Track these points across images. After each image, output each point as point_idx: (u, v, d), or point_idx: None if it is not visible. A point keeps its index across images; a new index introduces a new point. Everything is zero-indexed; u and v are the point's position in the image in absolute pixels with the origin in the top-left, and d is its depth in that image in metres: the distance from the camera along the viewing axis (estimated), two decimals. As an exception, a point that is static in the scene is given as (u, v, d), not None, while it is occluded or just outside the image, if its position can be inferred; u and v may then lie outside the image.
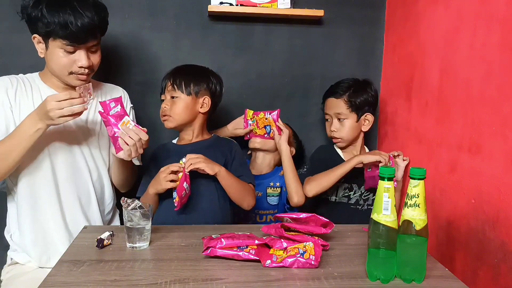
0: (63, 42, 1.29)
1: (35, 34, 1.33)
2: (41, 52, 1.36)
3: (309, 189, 1.62)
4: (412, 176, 0.96)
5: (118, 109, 1.30)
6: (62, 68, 1.34)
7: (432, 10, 1.54)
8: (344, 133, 1.71)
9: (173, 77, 1.52)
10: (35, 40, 1.35)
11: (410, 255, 0.98)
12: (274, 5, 1.77)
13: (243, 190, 1.47)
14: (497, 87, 1.19)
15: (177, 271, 1.00)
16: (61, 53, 1.32)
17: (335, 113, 1.71)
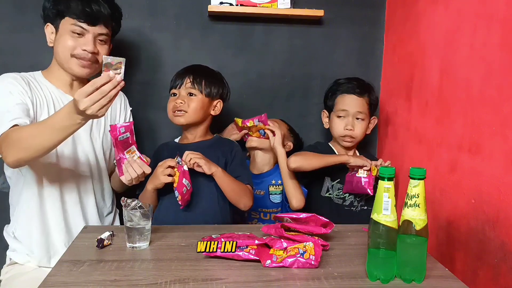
0: (73, 21, 1.32)
1: (48, 23, 1.37)
2: (52, 42, 1.38)
3: (294, 160, 1.59)
4: (412, 176, 0.96)
5: (127, 136, 1.30)
6: (66, 50, 1.35)
7: (432, 10, 1.54)
8: (359, 133, 1.67)
9: (193, 75, 1.52)
10: (47, 30, 1.38)
11: (410, 255, 0.98)
12: (274, 5, 1.77)
13: (239, 191, 1.46)
14: (497, 87, 1.19)
15: (177, 271, 1.00)
16: (69, 35, 1.34)
17: (357, 111, 1.66)
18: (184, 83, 1.52)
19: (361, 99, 1.67)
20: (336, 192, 1.68)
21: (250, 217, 1.73)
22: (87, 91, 1.05)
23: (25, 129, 1.20)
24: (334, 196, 1.68)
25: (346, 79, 1.72)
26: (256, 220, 1.74)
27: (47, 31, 1.38)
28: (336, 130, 1.70)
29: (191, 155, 1.38)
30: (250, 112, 1.80)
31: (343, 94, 1.68)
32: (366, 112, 1.67)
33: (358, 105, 1.66)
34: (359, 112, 1.66)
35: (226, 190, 1.44)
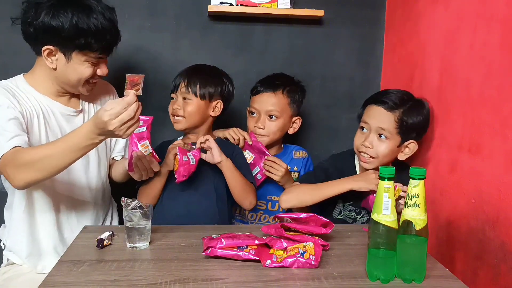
0: (93, 54, 1.27)
1: (50, 46, 1.24)
2: (53, 63, 1.27)
3: (285, 199, 1.45)
4: (412, 176, 0.96)
5: (143, 130, 1.31)
6: (82, 80, 1.31)
7: (432, 10, 1.54)
8: (381, 155, 1.40)
9: (188, 78, 1.50)
10: (45, 52, 1.25)
11: (410, 255, 0.98)
12: (274, 5, 1.77)
13: (246, 187, 1.47)
14: (497, 87, 1.19)
15: (177, 271, 1.00)
16: (87, 65, 1.28)
17: (378, 127, 1.40)
18: (179, 87, 1.50)
19: (388, 114, 1.40)
20: (346, 212, 1.53)
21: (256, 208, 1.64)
22: (117, 112, 1.04)
23: (37, 150, 1.17)
24: (345, 216, 1.53)
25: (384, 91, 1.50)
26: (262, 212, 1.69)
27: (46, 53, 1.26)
28: (355, 144, 1.48)
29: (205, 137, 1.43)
30: (250, 112, 1.80)
31: (371, 104, 1.46)
32: (393, 131, 1.39)
33: (381, 120, 1.40)
34: (381, 128, 1.40)
35: (233, 184, 1.44)
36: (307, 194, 1.44)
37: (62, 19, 1.21)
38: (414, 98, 1.47)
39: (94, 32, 1.23)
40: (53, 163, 1.15)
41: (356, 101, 1.54)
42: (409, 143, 1.42)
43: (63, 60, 1.27)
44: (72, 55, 1.26)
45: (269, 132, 1.64)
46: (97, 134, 1.10)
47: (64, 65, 1.28)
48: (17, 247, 1.37)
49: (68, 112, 1.39)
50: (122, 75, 1.78)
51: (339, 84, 1.95)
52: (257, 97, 1.66)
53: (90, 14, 1.23)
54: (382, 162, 1.42)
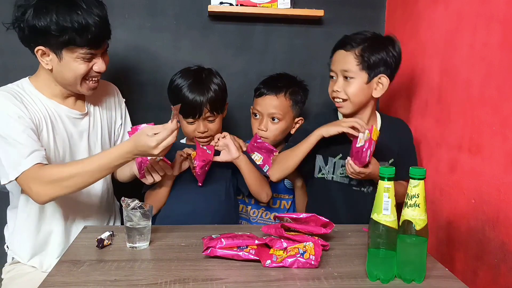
0: (82, 50, 1.23)
1: (40, 46, 1.23)
2: (48, 64, 1.27)
3: (272, 173, 1.48)
4: (412, 176, 0.96)
5: None
6: (78, 77, 1.28)
7: (432, 10, 1.54)
8: (350, 95, 1.39)
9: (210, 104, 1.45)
10: (38, 53, 1.25)
11: (410, 255, 0.98)
12: (274, 5, 1.77)
13: (262, 180, 1.51)
14: (497, 87, 1.19)
15: (177, 271, 1.00)
16: (79, 62, 1.26)
17: (342, 69, 1.40)
18: (203, 113, 1.46)
19: (347, 54, 1.39)
20: (340, 170, 1.47)
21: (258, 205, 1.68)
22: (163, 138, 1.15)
23: (66, 168, 1.21)
24: (338, 175, 1.48)
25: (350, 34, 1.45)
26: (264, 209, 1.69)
27: (40, 54, 1.25)
28: (328, 91, 1.47)
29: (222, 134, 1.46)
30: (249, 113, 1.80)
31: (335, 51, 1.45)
32: (355, 69, 1.38)
33: (343, 62, 1.40)
34: (344, 70, 1.39)
35: (250, 177, 1.47)
36: (286, 159, 1.45)
37: (45, 18, 1.19)
38: (377, 34, 1.44)
39: (77, 28, 1.20)
40: (83, 181, 1.21)
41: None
42: (380, 77, 1.39)
43: (55, 59, 1.26)
44: (62, 53, 1.24)
45: (271, 135, 1.64)
46: (134, 154, 1.20)
47: (58, 64, 1.26)
48: (22, 249, 1.37)
49: (74, 115, 1.38)
50: (122, 75, 1.80)
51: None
52: (260, 99, 1.65)
53: (73, 10, 1.19)
54: (355, 102, 1.40)
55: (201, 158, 1.41)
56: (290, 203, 1.72)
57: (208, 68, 1.56)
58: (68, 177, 1.19)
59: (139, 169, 1.35)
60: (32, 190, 1.19)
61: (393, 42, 1.42)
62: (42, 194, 1.20)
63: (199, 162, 1.41)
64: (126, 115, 1.59)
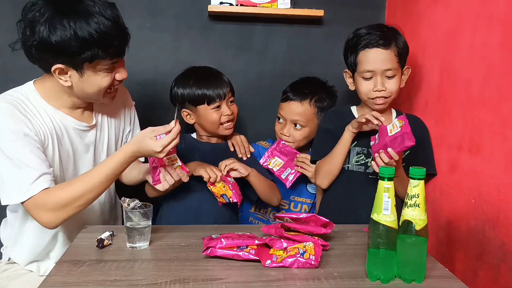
0: (105, 62, 1.16)
1: (58, 65, 1.14)
2: (67, 81, 1.18)
3: (320, 182, 1.49)
4: (412, 176, 0.96)
5: None
6: (102, 90, 1.22)
7: (432, 10, 1.54)
8: (394, 91, 1.40)
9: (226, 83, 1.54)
10: (56, 72, 1.16)
11: (410, 255, 0.98)
12: (274, 5, 1.77)
13: (271, 187, 1.55)
14: (497, 87, 1.19)
15: (177, 271, 1.00)
16: (102, 75, 1.19)
17: (385, 69, 1.37)
18: (226, 94, 1.52)
19: (387, 52, 1.38)
20: (355, 158, 1.46)
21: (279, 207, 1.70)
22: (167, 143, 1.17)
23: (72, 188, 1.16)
24: (353, 164, 1.46)
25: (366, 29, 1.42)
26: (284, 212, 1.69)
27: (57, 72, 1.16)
28: (364, 92, 1.43)
29: (225, 162, 1.45)
30: (250, 112, 1.80)
31: (364, 49, 1.40)
32: (396, 66, 1.39)
33: (384, 61, 1.37)
34: (387, 69, 1.38)
35: (261, 189, 1.51)
36: (329, 164, 1.45)
37: (60, 33, 1.09)
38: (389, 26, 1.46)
39: (98, 39, 1.11)
40: (93, 196, 1.19)
41: (357, 101, 1.54)
42: (405, 69, 1.45)
43: (76, 76, 1.17)
44: (84, 68, 1.16)
45: (294, 140, 1.65)
46: (137, 156, 1.20)
47: (79, 80, 1.18)
48: (22, 255, 1.35)
49: (81, 128, 1.33)
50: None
51: (339, 84, 1.95)
52: (285, 104, 1.66)
53: (89, 18, 1.11)
54: (394, 97, 1.43)
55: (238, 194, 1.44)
56: (311, 207, 1.72)
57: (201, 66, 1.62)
58: (78, 197, 1.16)
59: (154, 175, 1.32)
60: (42, 218, 1.16)
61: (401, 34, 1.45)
62: (53, 221, 1.17)
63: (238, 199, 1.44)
64: (135, 120, 1.55)
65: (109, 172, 1.19)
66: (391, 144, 1.25)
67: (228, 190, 1.42)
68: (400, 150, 1.24)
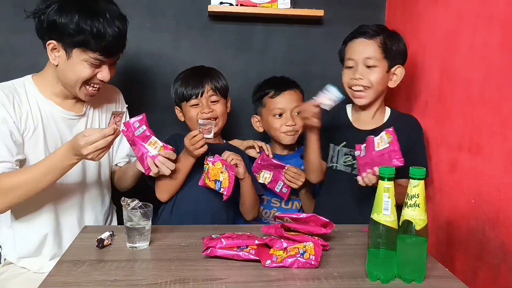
0: (93, 54, 1.25)
1: (53, 41, 1.25)
2: (55, 59, 1.28)
3: (308, 177, 1.53)
4: (412, 176, 0.96)
5: (143, 129, 1.29)
6: (80, 80, 1.29)
7: (432, 10, 1.54)
8: (374, 82, 1.38)
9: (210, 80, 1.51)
10: (49, 46, 1.26)
11: (410, 255, 0.98)
12: (274, 5, 1.77)
13: (256, 202, 1.52)
14: (497, 87, 1.19)
15: (177, 271, 1.00)
16: (85, 65, 1.27)
17: (365, 57, 1.38)
18: (205, 91, 1.49)
19: (369, 42, 1.39)
20: (343, 159, 1.46)
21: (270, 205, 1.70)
22: (93, 140, 1.15)
23: (16, 176, 1.21)
24: (341, 164, 1.46)
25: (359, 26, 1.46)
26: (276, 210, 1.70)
27: (50, 48, 1.27)
28: (344, 83, 1.45)
29: (232, 155, 1.42)
30: (250, 112, 1.80)
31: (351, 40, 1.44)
32: (379, 57, 1.38)
33: (365, 49, 1.39)
34: (367, 58, 1.38)
35: (247, 198, 1.48)
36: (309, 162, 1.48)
37: (67, 16, 1.21)
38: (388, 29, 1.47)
39: (94, 34, 1.22)
40: (33, 187, 1.21)
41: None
42: (396, 68, 1.41)
43: (64, 56, 1.26)
44: (72, 52, 1.25)
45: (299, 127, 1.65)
46: (73, 155, 1.19)
47: (65, 62, 1.27)
48: (13, 252, 1.36)
49: (70, 117, 1.38)
50: (122, 75, 1.80)
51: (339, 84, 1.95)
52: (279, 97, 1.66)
53: (95, 17, 1.22)
54: (377, 90, 1.40)
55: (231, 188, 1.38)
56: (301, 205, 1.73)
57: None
58: (20, 186, 1.20)
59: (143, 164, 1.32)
60: None
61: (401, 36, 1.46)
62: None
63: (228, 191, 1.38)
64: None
65: (48, 166, 1.21)
66: (378, 160, 1.22)
67: (226, 180, 1.38)
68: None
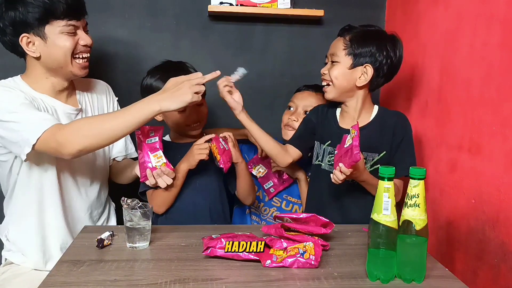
0: (63, 22, 1.25)
1: (24, 34, 1.26)
2: (35, 51, 1.28)
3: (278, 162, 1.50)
4: (412, 176, 0.96)
5: (155, 141, 1.32)
6: (67, 53, 1.29)
7: (432, 10, 1.54)
8: (332, 77, 1.39)
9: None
10: (23, 42, 1.27)
11: (410, 255, 0.98)
12: (274, 5, 1.77)
13: (252, 186, 1.54)
14: (497, 87, 1.19)
15: (177, 271, 1.00)
16: (63, 37, 1.27)
17: (330, 53, 1.43)
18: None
19: (338, 39, 1.43)
20: (327, 158, 1.45)
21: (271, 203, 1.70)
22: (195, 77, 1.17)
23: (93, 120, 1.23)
24: (326, 163, 1.46)
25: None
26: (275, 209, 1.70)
27: (24, 42, 1.27)
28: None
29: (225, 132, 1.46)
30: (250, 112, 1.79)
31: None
32: (340, 53, 1.38)
33: (333, 45, 1.43)
34: (332, 53, 1.41)
35: (244, 183, 1.49)
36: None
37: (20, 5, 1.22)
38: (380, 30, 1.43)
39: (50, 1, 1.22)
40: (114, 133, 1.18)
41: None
42: (365, 67, 1.37)
43: (41, 42, 1.27)
44: (45, 32, 1.25)
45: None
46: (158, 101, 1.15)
47: (45, 46, 1.27)
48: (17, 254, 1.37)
49: (69, 111, 1.39)
50: (122, 75, 1.80)
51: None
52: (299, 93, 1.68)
53: None
54: (338, 86, 1.39)
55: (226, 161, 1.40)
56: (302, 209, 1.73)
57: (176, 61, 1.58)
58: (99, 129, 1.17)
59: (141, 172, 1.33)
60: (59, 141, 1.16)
61: (394, 42, 1.40)
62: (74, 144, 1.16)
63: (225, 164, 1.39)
64: None
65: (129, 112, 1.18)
66: (344, 157, 1.23)
67: (217, 154, 1.40)
68: (349, 165, 1.20)
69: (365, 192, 1.35)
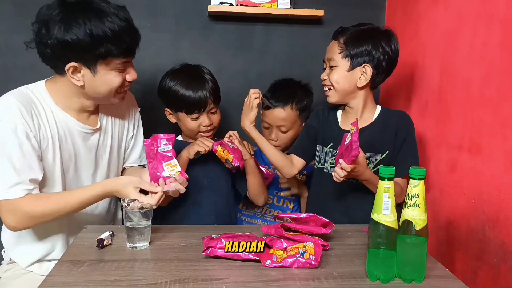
0: (117, 60, 1.21)
1: (72, 63, 1.17)
2: (80, 80, 1.21)
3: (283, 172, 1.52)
4: (412, 176, 0.96)
5: (169, 149, 1.29)
6: (113, 90, 1.26)
7: (432, 10, 1.54)
8: (333, 82, 1.39)
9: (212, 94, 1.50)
10: (69, 71, 1.19)
11: (410, 255, 0.98)
12: (274, 5, 1.78)
13: (263, 184, 1.54)
14: (497, 87, 1.19)
15: (177, 271, 1.00)
16: (114, 74, 1.23)
17: (327, 58, 1.43)
18: (208, 106, 1.49)
19: (333, 43, 1.43)
20: (330, 160, 1.46)
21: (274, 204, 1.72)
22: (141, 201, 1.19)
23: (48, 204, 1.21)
24: (328, 166, 1.46)
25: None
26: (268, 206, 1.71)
27: (71, 71, 1.19)
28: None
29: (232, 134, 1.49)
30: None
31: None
32: (337, 58, 1.39)
33: (329, 50, 1.43)
34: (328, 58, 1.42)
35: (253, 181, 1.50)
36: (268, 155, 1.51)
37: (76, 31, 1.14)
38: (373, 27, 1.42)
39: (112, 37, 1.16)
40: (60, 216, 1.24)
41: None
42: (363, 67, 1.37)
43: (89, 74, 1.21)
44: (97, 67, 1.20)
45: (281, 143, 1.68)
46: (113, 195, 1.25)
47: (91, 79, 1.22)
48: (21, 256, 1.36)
49: (85, 130, 1.34)
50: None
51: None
52: (268, 112, 1.67)
53: (103, 18, 1.16)
54: (339, 90, 1.39)
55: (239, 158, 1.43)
56: (292, 204, 1.73)
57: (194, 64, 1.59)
58: (49, 214, 1.22)
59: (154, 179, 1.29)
60: (7, 220, 1.20)
61: (388, 37, 1.39)
62: (16, 227, 1.22)
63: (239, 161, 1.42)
64: (139, 125, 1.56)
65: (84, 200, 1.24)
66: (344, 154, 1.24)
67: (228, 155, 1.41)
68: (349, 161, 1.21)
69: (369, 192, 1.34)
